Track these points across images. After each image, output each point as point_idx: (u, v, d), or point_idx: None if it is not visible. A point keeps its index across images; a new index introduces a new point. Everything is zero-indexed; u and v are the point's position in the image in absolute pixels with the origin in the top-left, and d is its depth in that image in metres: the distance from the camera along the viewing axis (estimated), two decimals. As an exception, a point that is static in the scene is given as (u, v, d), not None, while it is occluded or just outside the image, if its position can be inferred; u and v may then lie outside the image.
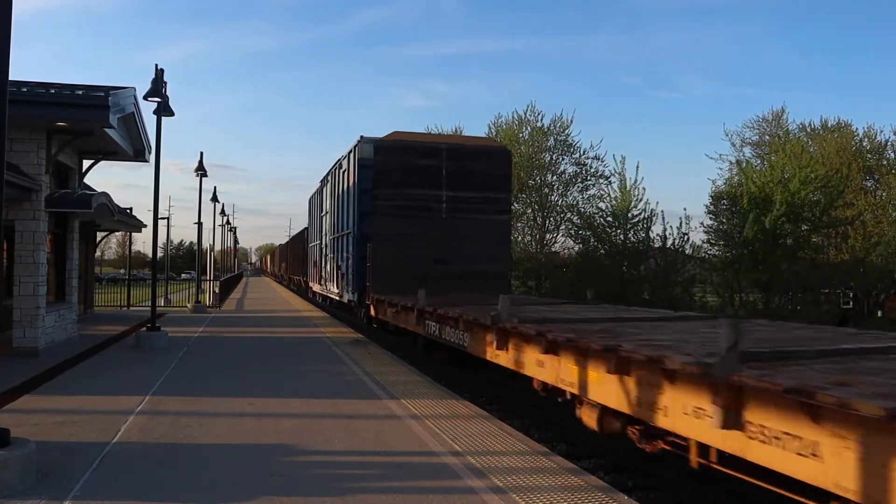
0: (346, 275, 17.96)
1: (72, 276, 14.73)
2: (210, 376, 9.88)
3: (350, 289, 17.27)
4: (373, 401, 8.13)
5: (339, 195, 19.14)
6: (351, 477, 5.27)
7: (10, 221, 11.57)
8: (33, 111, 11.23)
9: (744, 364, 4.20)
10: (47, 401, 7.96)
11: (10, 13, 5.13)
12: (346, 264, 17.88)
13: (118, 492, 4.78)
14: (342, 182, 18.68)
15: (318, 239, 25.23)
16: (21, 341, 11.82)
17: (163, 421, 6.92)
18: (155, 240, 14.49)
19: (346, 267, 17.79)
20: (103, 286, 31.15)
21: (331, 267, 20.97)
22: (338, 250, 19.43)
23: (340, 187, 19.02)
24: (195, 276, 35.01)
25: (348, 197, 17.56)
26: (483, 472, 5.30)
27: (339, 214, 19.13)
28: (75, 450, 5.78)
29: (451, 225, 15.31)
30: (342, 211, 18.63)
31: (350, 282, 17.23)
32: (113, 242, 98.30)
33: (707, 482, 6.39)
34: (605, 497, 4.77)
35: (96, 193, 14.15)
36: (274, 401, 8.02)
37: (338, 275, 19.40)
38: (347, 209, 17.67)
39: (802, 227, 23.18)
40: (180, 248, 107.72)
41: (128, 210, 20.50)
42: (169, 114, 13.20)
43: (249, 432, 6.55)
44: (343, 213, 18.46)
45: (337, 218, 19.67)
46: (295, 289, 44.82)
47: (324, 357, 12.21)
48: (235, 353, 12.76)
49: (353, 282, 16.80)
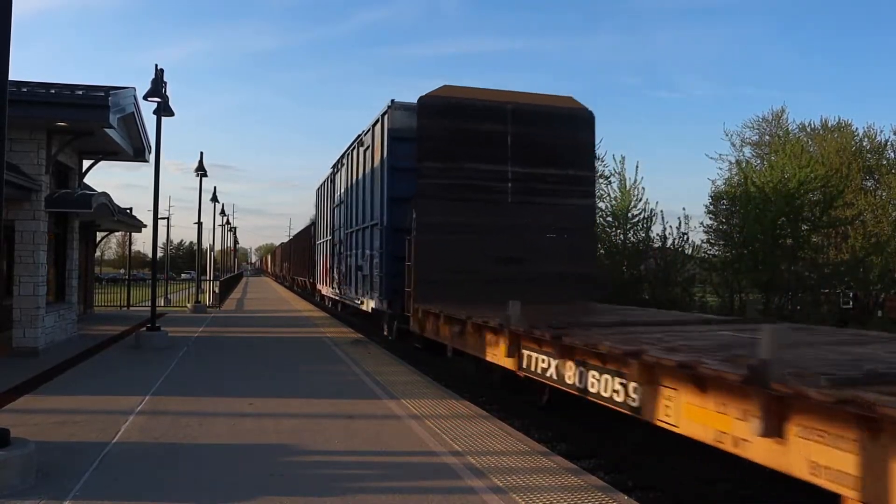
0: (369, 277, 14.49)
1: (72, 276, 14.73)
2: (210, 376, 9.88)
3: (377, 294, 13.58)
4: (373, 401, 8.13)
5: (360, 180, 15.81)
6: (351, 477, 5.27)
7: (10, 221, 11.57)
8: (33, 111, 11.24)
9: None
10: (47, 401, 7.96)
11: (10, 13, 5.13)
12: (369, 264, 14.48)
13: (118, 492, 4.78)
14: (364, 163, 15.33)
15: (328, 235, 21.95)
16: (21, 341, 11.82)
17: (163, 421, 6.92)
18: (155, 240, 14.50)
19: (370, 267, 14.30)
20: (103, 286, 31.13)
21: (346, 267, 17.74)
22: (357, 246, 16.04)
23: (361, 170, 15.67)
24: (195, 276, 35.00)
25: (373, 180, 14.14)
26: (483, 472, 5.30)
27: (360, 203, 15.76)
28: (75, 450, 5.78)
29: (520, 211, 11.82)
30: (364, 198, 15.29)
31: (376, 285, 13.65)
32: (113, 242, 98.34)
33: (707, 482, 6.40)
34: (605, 497, 4.77)
35: (96, 193, 14.15)
36: (274, 401, 8.01)
37: (357, 277, 16.11)
38: (372, 195, 14.32)
39: (802, 227, 23.18)
40: (180, 248, 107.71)
41: (128, 210, 20.50)
42: (169, 114, 13.20)
43: (249, 432, 6.55)
44: (365, 200, 15.12)
45: (356, 208, 16.23)
46: (299, 291, 41.46)
47: (324, 357, 12.20)
48: (235, 353, 12.76)
49: (382, 286, 13.17)
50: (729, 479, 6.31)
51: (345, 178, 18.10)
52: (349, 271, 17.15)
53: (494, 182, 11.80)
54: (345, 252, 17.91)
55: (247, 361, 11.55)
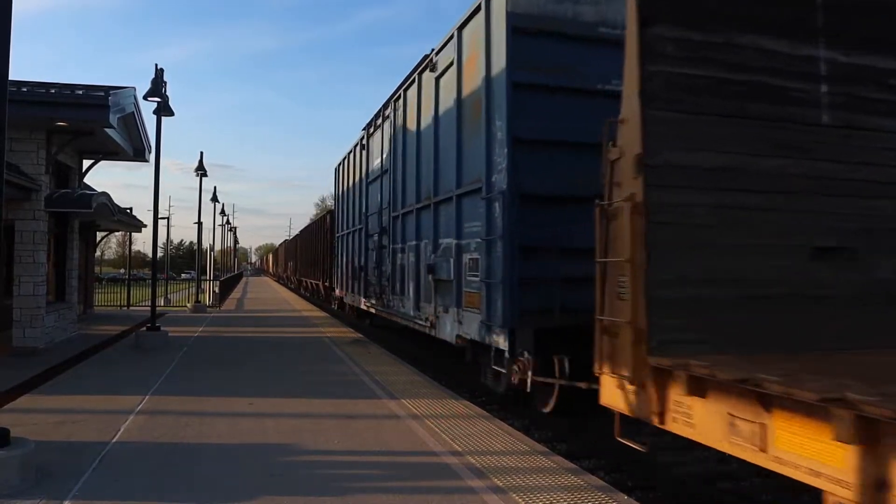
0: (453, 283, 9.13)
1: (72, 275, 14.74)
2: (210, 376, 9.88)
3: (485, 317, 8.06)
4: (373, 401, 8.12)
5: (427, 128, 10.56)
6: (351, 477, 5.27)
7: (10, 221, 11.58)
8: (33, 111, 11.25)
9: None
10: (47, 400, 7.96)
11: (10, 13, 5.13)
12: (454, 265, 9.09)
13: (118, 491, 4.77)
14: (437, 99, 10.16)
15: (355, 223, 16.99)
16: (21, 341, 11.84)
17: (163, 421, 6.91)
18: (155, 240, 14.50)
19: (458, 271, 8.97)
20: (103, 286, 31.13)
21: (394, 266, 12.54)
22: (419, 234, 10.83)
23: (430, 111, 10.41)
24: (195, 276, 35.00)
25: (463, 117, 9.04)
26: (483, 471, 5.30)
27: (425, 165, 10.61)
28: (75, 449, 5.77)
29: (844, 148, 5.40)
30: (436, 156, 10.08)
31: (479, 300, 8.19)
32: (113, 242, 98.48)
33: (707, 481, 6.39)
34: (605, 497, 4.77)
35: (96, 193, 14.16)
36: (274, 401, 8.01)
37: (418, 281, 10.87)
38: (459, 145, 9.07)
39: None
40: (180, 248, 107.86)
41: (128, 210, 20.51)
42: (169, 113, 13.20)
43: (249, 432, 6.55)
44: (441, 158, 9.94)
45: (418, 174, 10.96)
46: (308, 295, 35.30)
47: (324, 357, 12.20)
48: (235, 353, 12.75)
49: (495, 302, 7.79)
50: (729, 478, 6.31)
51: (391, 136, 12.98)
52: (401, 272, 12.07)
53: (791, 81, 5.37)
54: (391, 244, 12.86)
55: (246, 361, 11.54)
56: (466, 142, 8.97)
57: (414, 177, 11.24)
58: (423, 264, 10.66)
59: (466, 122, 8.99)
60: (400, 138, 12.36)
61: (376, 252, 14.17)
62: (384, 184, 13.63)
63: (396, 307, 12.51)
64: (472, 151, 8.66)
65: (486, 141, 8.11)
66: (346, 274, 18.93)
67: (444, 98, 9.98)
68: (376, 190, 14.41)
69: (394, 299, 12.72)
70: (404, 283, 11.91)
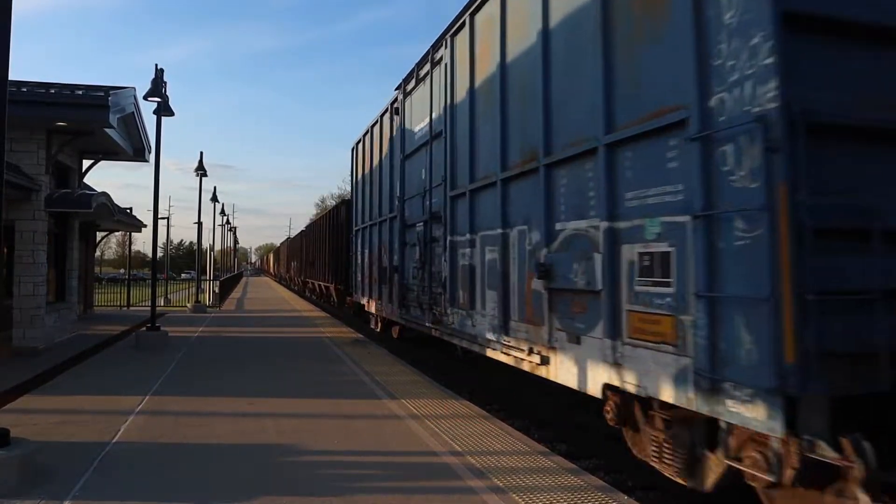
0: (609, 298, 5.28)
1: (72, 275, 14.75)
2: (210, 376, 9.88)
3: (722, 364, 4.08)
4: (373, 401, 8.12)
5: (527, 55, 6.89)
6: (351, 477, 5.27)
7: (10, 221, 11.59)
8: (33, 111, 11.26)
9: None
10: (47, 401, 7.95)
11: (9, 13, 5.13)
12: (600, 264, 5.42)
13: (118, 491, 4.77)
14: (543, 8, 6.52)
15: (386, 211, 13.39)
16: (21, 341, 11.84)
17: (163, 421, 6.91)
18: (155, 240, 14.49)
19: (612, 274, 5.29)
20: (103, 286, 31.15)
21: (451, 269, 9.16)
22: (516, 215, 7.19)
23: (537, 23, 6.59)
24: (195, 276, 35.02)
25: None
26: (483, 472, 5.30)
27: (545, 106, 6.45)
28: (75, 450, 5.77)
29: None
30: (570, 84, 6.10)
31: (713, 335, 4.15)
32: (113, 242, 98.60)
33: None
34: (605, 497, 4.77)
35: (96, 193, 14.17)
36: (274, 401, 8.01)
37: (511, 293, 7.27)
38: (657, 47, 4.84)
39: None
40: (180, 248, 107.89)
41: (128, 210, 20.53)
42: (169, 114, 13.20)
43: (249, 432, 6.55)
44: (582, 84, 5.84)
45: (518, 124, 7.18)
46: (314, 298, 32.00)
47: (324, 357, 12.20)
48: (235, 353, 12.74)
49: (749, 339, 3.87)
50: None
51: (447, 86, 9.48)
52: (467, 276, 8.58)
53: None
54: (448, 236, 9.31)
55: (246, 361, 11.54)
56: (625, 46, 5.25)
57: (497, 133, 7.62)
58: (515, 263, 7.20)
59: (625, 11, 5.26)
60: (465, 83, 8.79)
61: (420, 247, 10.77)
62: (434, 154, 10.15)
63: (460, 325, 8.90)
64: (649, 57, 4.95)
65: (696, 29, 4.38)
66: (368, 276, 15.24)
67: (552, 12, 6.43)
68: (420, 164, 11.01)
69: (453, 314, 9.18)
70: (474, 292, 8.40)
